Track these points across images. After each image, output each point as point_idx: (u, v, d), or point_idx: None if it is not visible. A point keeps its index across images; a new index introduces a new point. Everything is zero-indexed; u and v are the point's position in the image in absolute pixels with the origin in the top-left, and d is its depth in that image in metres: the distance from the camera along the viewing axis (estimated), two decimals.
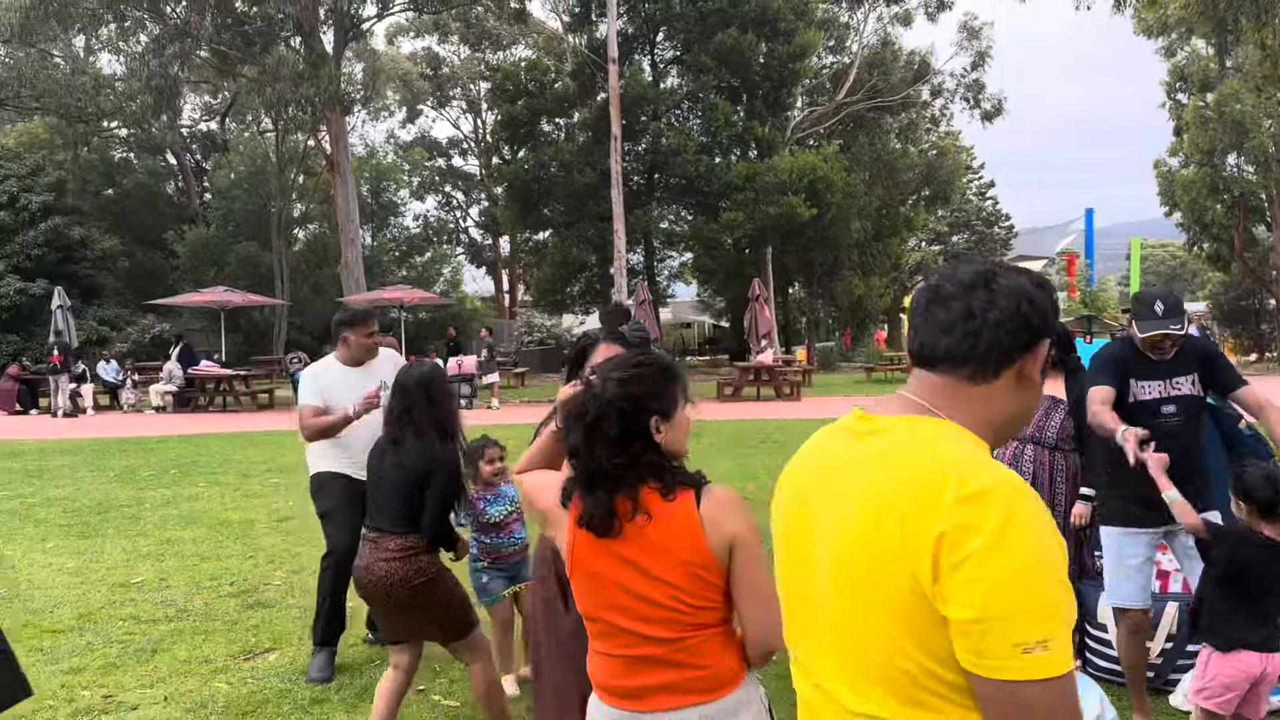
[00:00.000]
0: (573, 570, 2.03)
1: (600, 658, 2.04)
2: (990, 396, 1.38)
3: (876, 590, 1.28)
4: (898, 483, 1.29)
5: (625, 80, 28.38)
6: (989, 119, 35.08)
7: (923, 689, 1.26)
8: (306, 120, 27.14)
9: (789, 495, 1.52)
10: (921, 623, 1.23)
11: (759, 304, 24.11)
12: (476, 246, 46.73)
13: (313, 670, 4.75)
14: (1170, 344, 3.83)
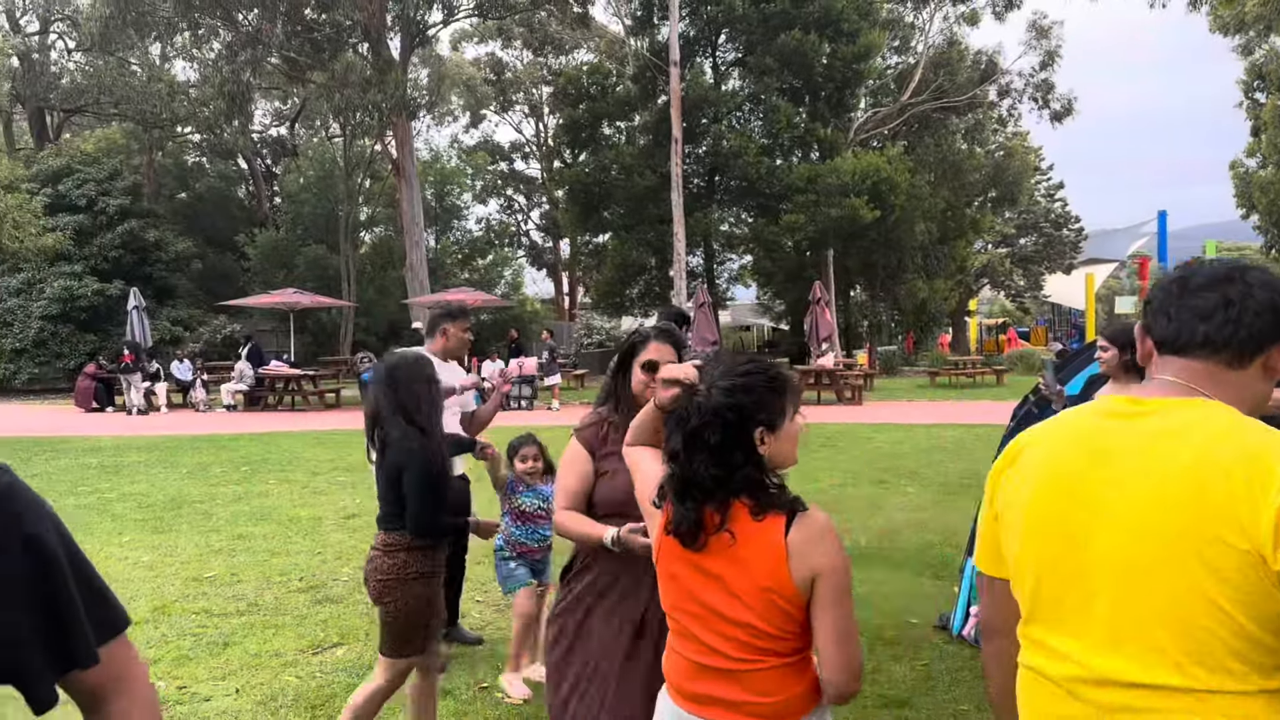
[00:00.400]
0: (658, 565, 2.06)
1: (674, 654, 2.05)
2: (1242, 382, 1.49)
3: (1198, 557, 1.35)
4: (1219, 455, 1.37)
5: (686, 83, 28.36)
6: (1059, 119, 34.36)
7: (1234, 654, 1.34)
8: (373, 125, 27.61)
9: (1050, 476, 1.55)
10: (1254, 588, 1.32)
11: (820, 307, 23.91)
12: (537, 249, 47.12)
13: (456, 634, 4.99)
14: None
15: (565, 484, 2.80)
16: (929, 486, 10.05)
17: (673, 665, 2.05)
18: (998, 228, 41.17)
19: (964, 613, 5.28)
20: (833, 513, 7.80)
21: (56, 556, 1.16)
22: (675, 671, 2.03)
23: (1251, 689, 1.34)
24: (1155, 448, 1.43)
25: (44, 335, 27.32)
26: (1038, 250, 44.37)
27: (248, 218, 36.35)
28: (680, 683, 2.01)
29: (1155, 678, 1.37)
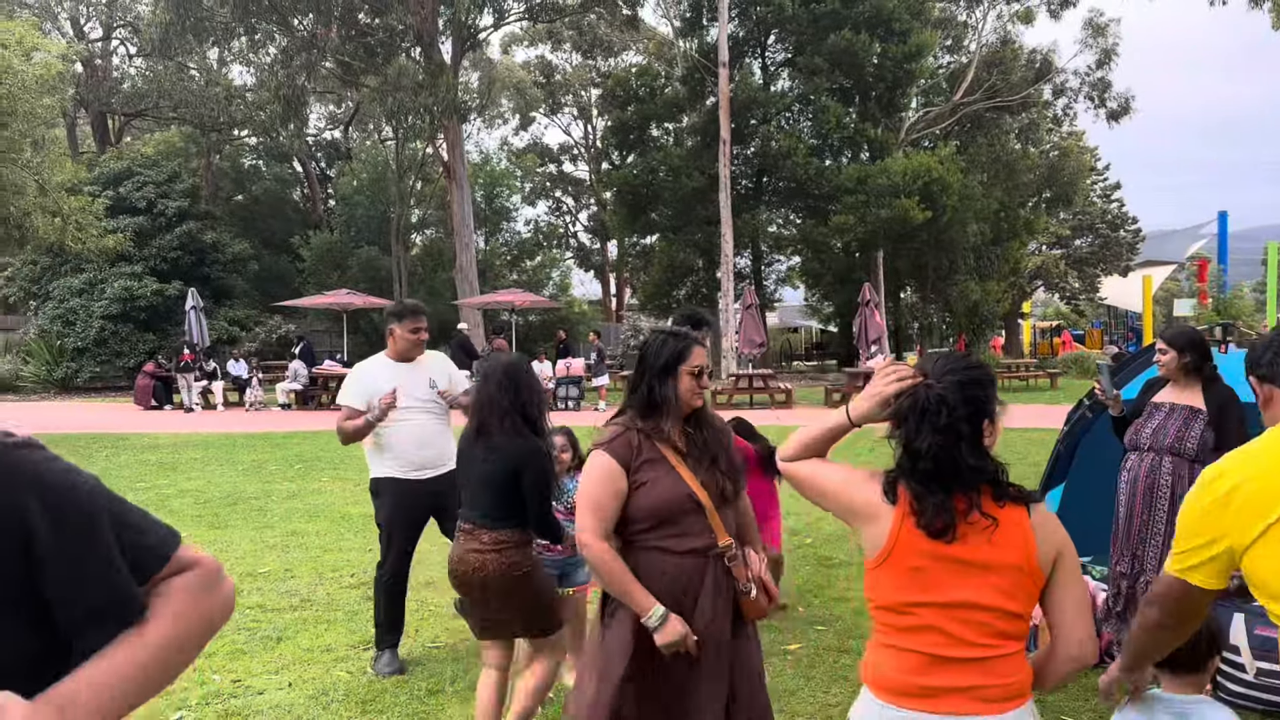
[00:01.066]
0: (889, 562, 2.03)
1: (902, 653, 2.02)
2: None
3: None
4: None
5: (735, 84, 28.30)
6: (1115, 119, 33.71)
7: None
8: (425, 128, 27.93)
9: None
10: None
11: (869, 309, 23.69)
12: (585, 250, 47.32)
13: (382, 666, 4.84)
14: None
15: (599, 500, 2.66)
16: None
17: (897, 665, 2.02)
18: (1052, 229, 40.44)
19: None
20: None
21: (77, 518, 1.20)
22: (902, 670, 2.01)
23: None
24: None
25: (105, 334, 28.03)
26: (1093, 252, 43.49)
27: (302, 220, 36.98)
28: (910, 679, 1.99)
29: None
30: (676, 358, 2.71)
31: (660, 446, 2.71)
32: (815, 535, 7.82)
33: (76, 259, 27.48)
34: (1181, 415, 4.52)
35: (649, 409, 2.73)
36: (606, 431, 2.78)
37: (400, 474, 4.83)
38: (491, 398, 3.60)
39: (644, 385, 2.75)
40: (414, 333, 4.87)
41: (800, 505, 7.43)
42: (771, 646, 5.13)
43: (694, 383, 2.73)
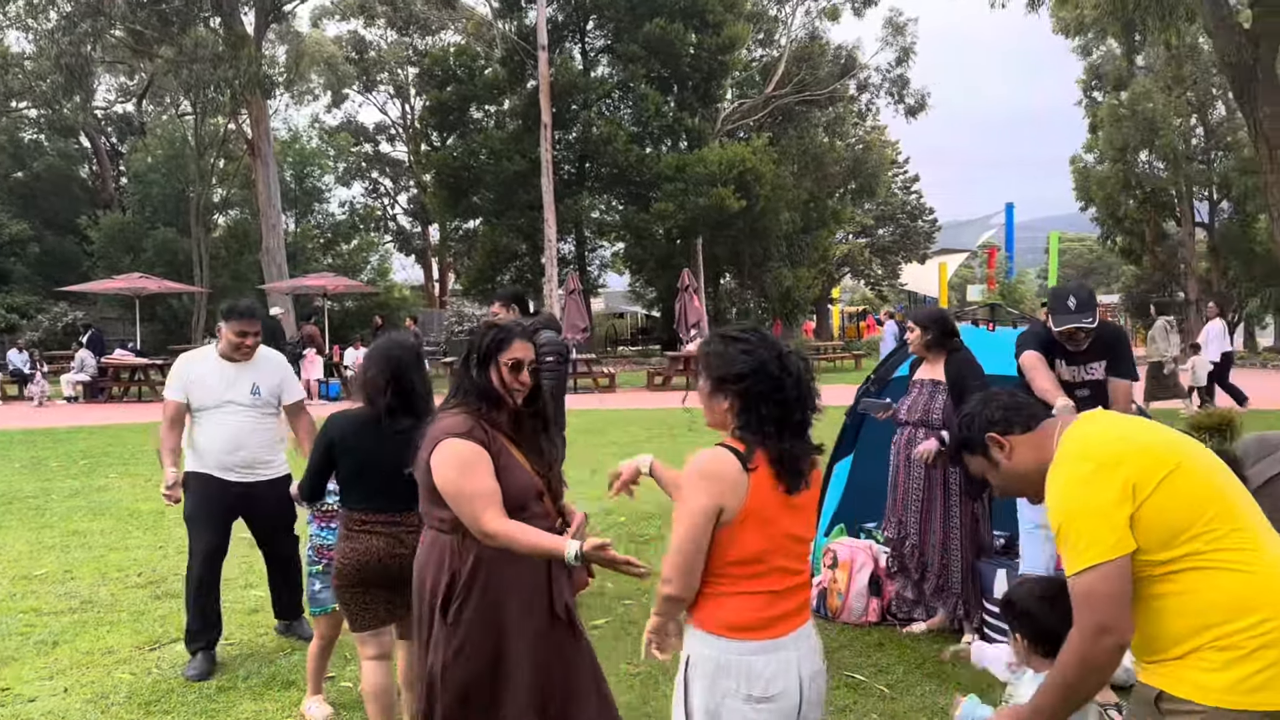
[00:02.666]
0: (748, 521, 2.20)
1: (746, 597, 2.22)
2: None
3: None
4: None
5: (555, 68, 28.25)
6: (913, 114, 35.74)
7: None
8: (226, 103, 26.47)
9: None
10: None
11: (689, 294, 24.25)
12: (405, 234, 46.11)
13: (190, 669, 4.59)
14: (1084, 336, 4.15)
15: (485, 486, 2.60)
16: None
17: (745, 606, 2.22)
18: (857, 218, 42.57)
19: None
20: None
21: None
22: (751, 609, 2.22)
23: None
24: None
25: None
26: (895, 240, 46.07)
27: (90, 199, 34.40)
28: (759, 615, 2.22)
29: None
30: (495, 348, 2.73)
31: (499, 435, 2.73)
32: (629, 514, 7.97)
33: None
34: (928, 389, 4.92)
35: (476, 398, 2.73)
36: (451, 421, 2.71)
37: (207, 471, 4.66)
38: (399, 380, 3.38)
39: (466, 375, 2.76)
40: (239, 335, 4.63)
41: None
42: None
43: (513, 376, 2.73)
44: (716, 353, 2.32)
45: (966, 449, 2.34)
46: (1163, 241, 35.03)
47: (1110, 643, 1.96)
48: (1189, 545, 1.98)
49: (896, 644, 4.85)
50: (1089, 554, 1.97)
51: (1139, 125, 31.34)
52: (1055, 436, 2.19)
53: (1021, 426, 2.26)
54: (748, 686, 2.18)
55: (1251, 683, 1.94)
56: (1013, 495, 2.37)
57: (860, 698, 4.19)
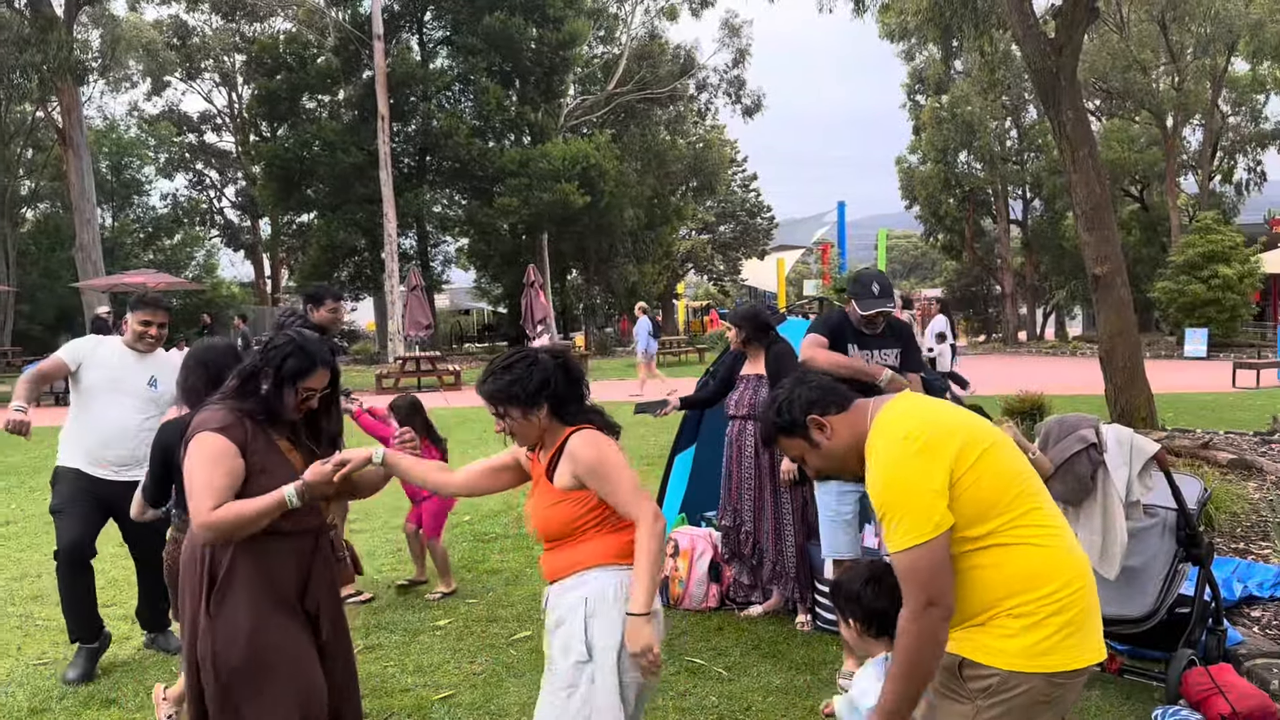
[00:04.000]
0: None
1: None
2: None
3: None
4: None
5: (392, 59, 27.60)
6: (750, 114, 36.71)
7: None
8: (33, 90, 24.60)
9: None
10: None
11: (535, 290, 24.19)
12: (233, 229, 43.94)
13: (69, 671, 4.45)
14: (883, 319, 4.39)
15: (213, 482, 2.57)
16: (633, 460, 10.42)
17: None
18: (699, 215, 43.40)
19: None
20: None
21: None
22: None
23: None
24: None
25: None
26: (735, 237, 47.20)
27: None
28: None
29: None
30: (295, 375, 2.69)
31: (265, 433, 2.71)
32: (474, 513, 7.91)
33: None
34: (752, 384, 5.13)
35: (256, 405, 2.70)
36: (208, 415, 2.68)
37: (82, 467, 4.48)
38: (221, 380, 3.25)
39: (253, 383, 2.70)
40: (143, 325, 4.56)
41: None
42: (421, 624, 5.14)
43: (302, 404, 2.75)
44: (514, 380, 2.60)
45: (785, 432, 2.36)
46: (981, 238, 37.29)
47: (938, 614, 2.06)
48: (995, 522, 2.12)
49: (735, 627, 5.01)
50: (915, 532, 2.05)
51: (959, 127, 33.23)
52: (869, 416, 2.27)
53: (837, 406, 2.31)
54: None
55: (1041, 647, 2.10)
56: (830, 475, 2.42)
57: (699, 681, 4.30)
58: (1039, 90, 9.21)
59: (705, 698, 4.13)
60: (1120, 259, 8.91)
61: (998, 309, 38.22)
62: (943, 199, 35.50)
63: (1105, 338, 9.03)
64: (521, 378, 2.59)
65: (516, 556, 6.55)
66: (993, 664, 2.12)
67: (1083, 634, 2.14)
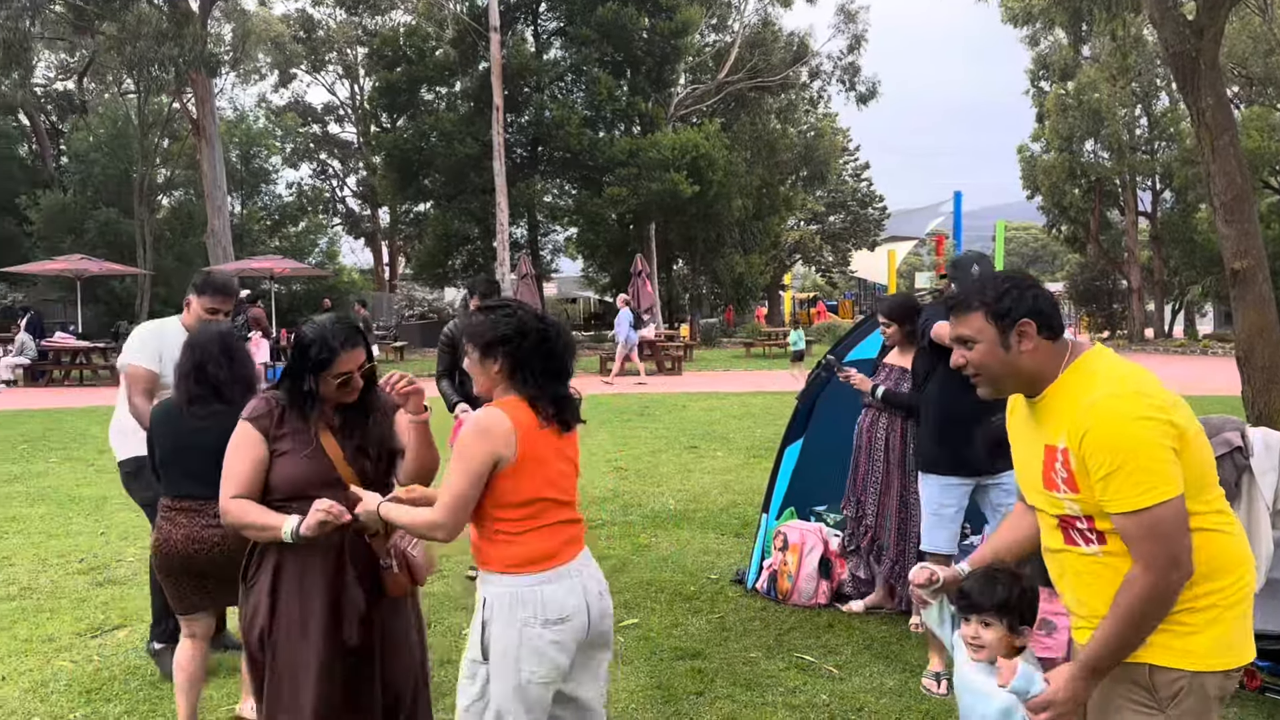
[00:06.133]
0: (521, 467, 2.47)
1: (538, 533, 2.50)
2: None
3: None
4: None
5: (507, 50, 27.98)
6: (864, 101, 35.94)
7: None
8: (170, 82, 25.80)
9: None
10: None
11: (641, 280, 24.27)
12: (354, 217, 45.45)
13: (161, 664, 4.36)
14: None
15: (235, 470, 2.70)
16: (737, 450, 10.43)
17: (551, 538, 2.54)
18: (809, 205, 42.84)
19: (758, 567, 5.53)
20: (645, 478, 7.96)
21: None
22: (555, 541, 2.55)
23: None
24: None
25: None
26: (845, 227, 46.46)
27: (30, 178, 33.34)
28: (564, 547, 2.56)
29: None
30: (319, 365, 2.72)
31: (314, 422, 2.77)
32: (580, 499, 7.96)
33: None
34: (894, 376, 4.97)
35: (291, 399, 2.78)
36: (251, 404, 2.81)
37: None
38: (202, 368, 3.43)
39: (294, 375, 2.77)
40: (210, 313, 4.42)
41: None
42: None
43: (341, 390, 2.76)
44: (482, 322, 2.56)
45: (988, 313, 2.15)
46: (1106, 230, 35.72)
47: (1178, 576, 1.97)
48: (1197, 502, 2.03)
49: (846, 625, 4.92)
50: (1160, 488, 1.94)
51: (1085, 115, 31.87)
52: (1067, 357, 2.14)
53: (1051, 331, 2.15)
54: (543, 612, 2.45)
55: (1223, 642, 2.03)
56: (990, 381, 2.21)
57: (809, 679, 4.24)
58: (1176, 76, 8.73)
59: (815, 695, 4.06)
60: (1262, 253, 8.39)
61: (1123, 305, 36.57)
62: (1067, 189, 34.13)
63: (1243, 337, 8.52)
64: (491, 323, 2.54)
65: (623, 544, 6.57)
66: (1181, 666, 2.03)
67: (1249, 626, 2.09)
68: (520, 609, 2.45)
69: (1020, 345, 2.13)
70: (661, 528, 7.05)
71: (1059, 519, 2.15)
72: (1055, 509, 2.14)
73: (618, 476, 8.90)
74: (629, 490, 8.31)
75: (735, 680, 4.21)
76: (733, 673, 4.30)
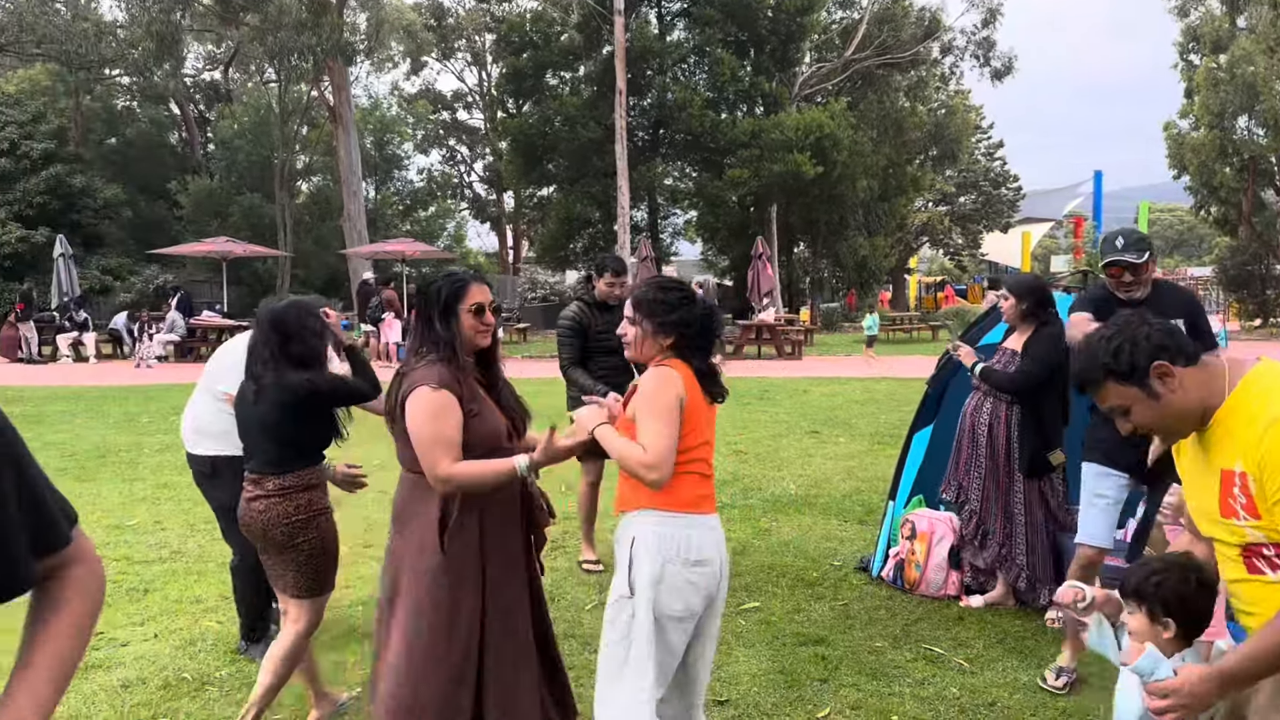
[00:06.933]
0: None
1: (690, 478, 2.71)
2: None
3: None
4: None
5: (631, 33, 28.04)
6: (999, 78, 34.64)
7: None
8: (309, 70, 26.90)
9: None
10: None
11: (762, 262, 24.02)
12: (480, 201, 46.47)
13: (253, 654, 4.29)
14: (1130, 279, 3.92)
15: (448, 436, 2.72)
16: (860, 437, 10.22)
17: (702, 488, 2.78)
18: (938, 186, 41.57)
19: (883, 555, 5.40)
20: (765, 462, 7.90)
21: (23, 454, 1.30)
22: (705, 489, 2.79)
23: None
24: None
25: None
26: (976, 209, 44.93)
27: (180, 165, 35.30)
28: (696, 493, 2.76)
29: None
30: (454, 297, 2.81)
31: (471, 381, 2.84)
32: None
33: None
34: (1006, 358, 4.76)
35: (444, 347, 2.81)
36: (425, 371, 2.79)
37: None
38: (255, 346, 3.47)
39: (429, 325, 2.83)
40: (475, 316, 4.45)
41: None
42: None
43: (476, 320, 2.83)
44: (663, 301, 2.76)
45: (1120, 378, 2.05)
46: (1260, 212, 33.47)
47: None
48: None
49: (977, 618, 4.75)
50: None
51: (1238, 89, 29.89)
52: (1227, 376, 2.01)
53: (1187, 358, 2.03)
54: (686, 552, 2.66)
55: None
56: (1164, 434, 2.14)
57: (939, 670, 4.11)
58: None
59: (945, 688, 3.94)
60: None
61: (1276, 291, 34.28)
62: (1217, 168, 32.11)
63: None
64: (670, 303, 2.75)
65: (744, 527, 6.52)
66: None
67: None
68: (667, 546, 2.65)
69: (1166, 388, 2.01)
70: (782, 512, 6.97)
71: (1242, 548, 2.00)
72: (1237, 538, 1.99)
73: (738, 460, 8.84)
74: (749, 474, 8.24)
75: (860, 669, 4.12)
76: (858, 661, 4.21)
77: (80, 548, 1.36)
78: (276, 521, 3.33)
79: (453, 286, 2.83)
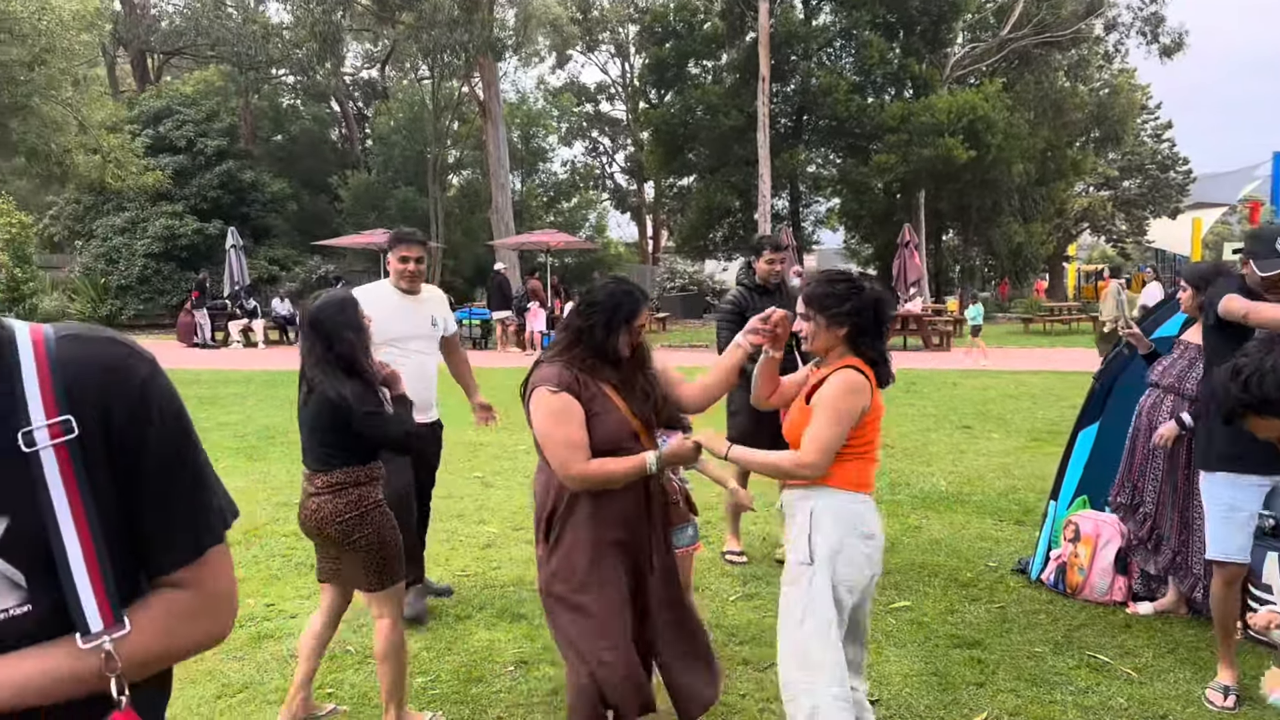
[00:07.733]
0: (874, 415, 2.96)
1: (863, 461, 2.95)
2: None
3: None
4: None
5: (775, 18, 27.70)
6: (1168, 54, 32.59)
7: None
8: (460, 66, 27.70)
9: None
10: None
11: (909, 250, 23.36)
12: (621, 192, 46.94)
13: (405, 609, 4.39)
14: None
15: (574, 437, 2.80)
16: (1015, 433, 9.82)
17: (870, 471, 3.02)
18: (1100, 169, 39.42)
19: (1044, 557, 5.17)
20: (914, 457, 7.69)
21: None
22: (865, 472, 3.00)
23: None
24: None
25: (147, 272, 28.43)
26: (1142, 193, 42.42)
27: (340, 160, 36.97)
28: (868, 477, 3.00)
29: None
30: (629, 316, 2.92)
31: (600, 383, 2.90)
32: None
33: (119, 198, 27.75)
34: (1189, 355, 4.44)
35: (590, 353, 2.90)
36: (547, 371, 2.89)
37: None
38: (304, 350, 3.50)
39: (594, 333, 2.90)
40: (402, 261, 4.52)
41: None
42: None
43: (636, 338, 2.99)
44: (833, 294, 2.91)
45: (1256, 409, 2.00)
46: None
47: None
48: None
49: (1146, 626, 4.49)
50: None
51: None
52: None
53: None
54: (861, 526, 2.90)
55: None
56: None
57: (1104, 679, 3.91)
58: None
59: (1111, 699, 3.74)
60: None
61: None
62: None
63: None
64: (840, 294, 2.90)
65: (892, 523, 6.35)
66: None
67: None
68: (844, 520, 2.89)
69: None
70: (933, 509, 6.76)
71: None
72: None
73: (885, 453, 8.61)
74: (896, 468, 8.03)
75: (1019, 674, 3.96)
76: (1016, 666, 4.04)
77: (198, 575, 1.21)
78: (329, 519, 3.37)
79: (631, 305, 2.92)
